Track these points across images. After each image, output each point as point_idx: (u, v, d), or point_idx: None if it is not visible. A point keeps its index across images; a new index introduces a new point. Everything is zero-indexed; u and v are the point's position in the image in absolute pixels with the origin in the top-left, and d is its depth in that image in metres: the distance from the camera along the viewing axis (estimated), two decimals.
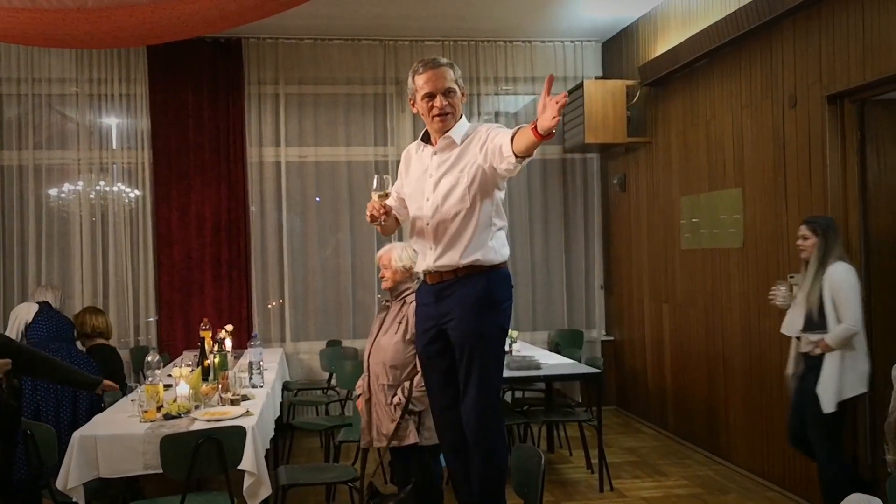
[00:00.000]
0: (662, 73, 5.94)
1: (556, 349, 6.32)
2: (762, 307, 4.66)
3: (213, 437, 3.23)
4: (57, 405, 4.55)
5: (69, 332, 4.95)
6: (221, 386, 4.06)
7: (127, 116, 6.69)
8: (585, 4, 6.21)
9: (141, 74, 6.63)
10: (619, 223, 7.12)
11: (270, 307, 6.88)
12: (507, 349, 4.14)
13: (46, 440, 3.57)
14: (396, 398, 3.63)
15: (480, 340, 2.89)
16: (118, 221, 6.65)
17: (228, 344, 4.78)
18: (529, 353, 5.47)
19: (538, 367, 4.97)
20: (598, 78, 7.03)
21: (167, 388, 3.96)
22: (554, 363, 5.24)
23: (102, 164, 6.67)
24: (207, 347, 4.67)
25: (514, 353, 5.29)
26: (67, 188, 6.66)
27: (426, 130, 3.05)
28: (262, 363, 4.55)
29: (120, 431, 3.44)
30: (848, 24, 4.14)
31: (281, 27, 6.45)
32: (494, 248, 2.93)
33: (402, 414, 3.59)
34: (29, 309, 4.90)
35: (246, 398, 4.03)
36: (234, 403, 3.87)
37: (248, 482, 3.36)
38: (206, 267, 6.65)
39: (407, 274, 3.80)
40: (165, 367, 5.08)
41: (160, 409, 3.63)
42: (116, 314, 6.54)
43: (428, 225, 2.95)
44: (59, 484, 3.32)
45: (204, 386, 4.05)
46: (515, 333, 5.61)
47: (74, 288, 6.50)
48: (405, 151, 3.19)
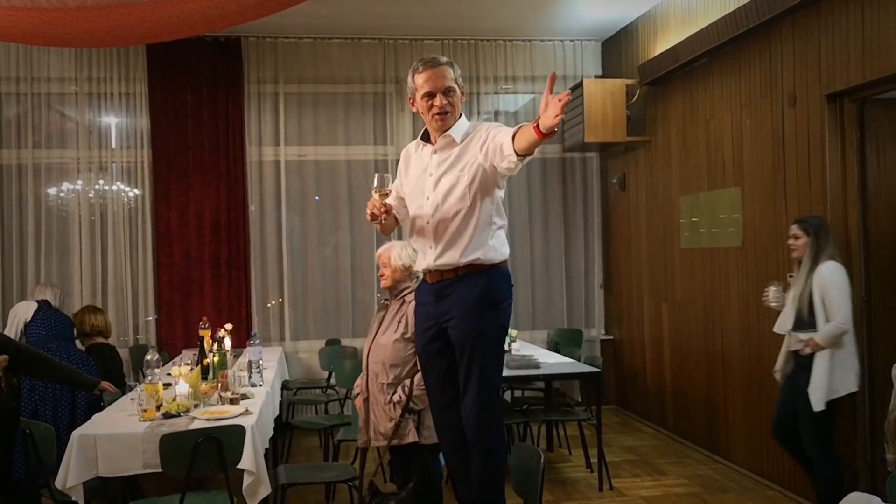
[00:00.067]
0: (662, 72, 5.94)
1: (555, 348, 6.31)
2: (761, 306, 4.65)
3: (212, 436, 3.23)
4: (55, 405, 4.54)
5: (68, 330, 4.94)
6: (221, 385, 4.06)
7: (126, 115, 6.69)
8: (585, 3, 6.20)
9: (140, 73, 6.63)
10: (618, 222, 7.12)
11: (270, 306, 6.88)
12: (506, 348, 4.14)
13: (46, 439, 3.57)
14: (397, 396, 3.63)
15: (481, 339, 2.89)
16: (117, 220, 6.65)
17: (228, 343, 4.78)
18: (529, 352, 5.47)
19: (537, 366, 4.97)
20: (597, 77, 7.04)
21: (166, 386, 3.96)
22: (553, 362, 5.24)
23: (102, 163, 6.67)
24: (207, 346, 4.68)
25: (513, 352, 5.29)
26: (67, 187, 6.66)
27: (425, 129, 3.05)
28: (261, 362, 4.56)
29: (119, 430, 3.44)
30: (847, 23, 4.14)
31: (280, 26, 6.45)
32: (495, 246, 2.93)
33: (402, 412, 3.59)
34: (28, 307, 4.89)
35: (245, 397, 4.03)
36: (233, 402, 3.87)
37: (247, 481, 3.36)
38: (205, 266, 6.65)
39: (406, 273, 3.79)
40: (165, 366, 5.07)
41: (159, 407, 3.63)
42: (116, 313, 6.54)
43: (428, 224, 2.95)
44: (58, 483, 3.32)
45: (203, 385, 4.05)
46: (515, 332, 5.60)
47: (74, 287, 6.49)
48: (404, 150, 3.18)
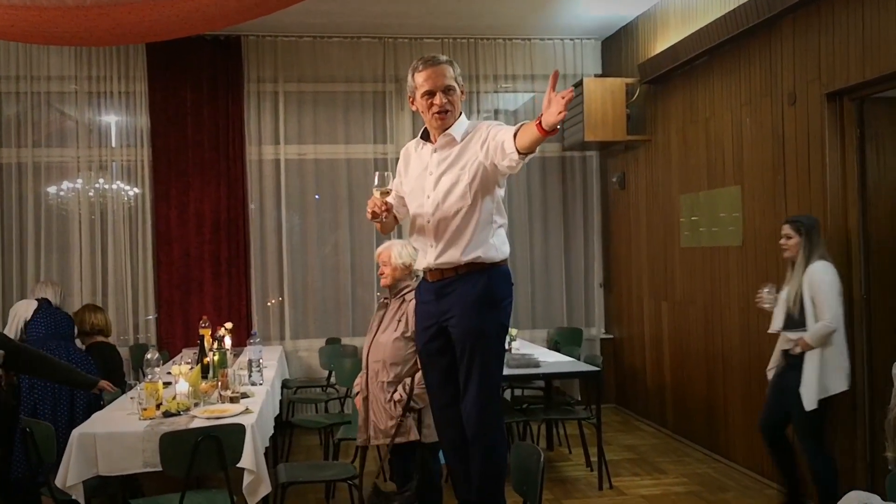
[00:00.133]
0: (662, 70, 5.94)
1: (555, 347, 6.31)
2: None
3: (212, 434, 3.23)
4: (54, 404, 4.54)
5: (68, 329, 4.94)
6: (221, 384, 4.06)
7: (126, 114, 6.69)
8: (585, 2, 6.20)
9: (140, 72, 6.63)
10: (618, 221, 7.12)
11: (270, 305, 6.88)
12: (506, 347, 4.14)
13: (45, 438, 3.57)
14: (397, 395, 3.63)
15: (481, 338, 2.89)
16: (117, 219, 6.65)
17: (228, 342, 4.79)
18: (529, 350, 5.48)
19: (537, 365, 4.97)
20: (597, 76, 7.04)
21: (166, 385, 3.96)
22: (553, 361, 5.24)
23: (102, 161, 6.67)
24: (207, 345, 4.68)
25: (513, 350, 5.29)
26: (66, 186, 6.66)
27: (425, 128, 3.04)
28: (261, 361, 4.56)
29: (119, 429, 3.44)
30: (847, 21, 4.14)
31: (280, 25, 6.45)
32: (495, 245, 2.93)
33: (403, 411, 3.59)
34: (28, 306, 4.89)
35: (245, 396, 4.03)
36: (233, 401, 3.87)
37: (247, 480, 3.36)
38: (205, 265, 6.65)
39: (406, 271, 3.79)
40: (165, 364, 5.07)
41: (159, 406, 3.63)
42: (116, 312, 6.54)
43: (429, 223, 2.94)
44: (58, 481, 3.32)
45: (203, 383, 4.05)
46: (515, 331, 5.60)
47: (74, 286, 6.49)
48: (404, 149, 3.18)
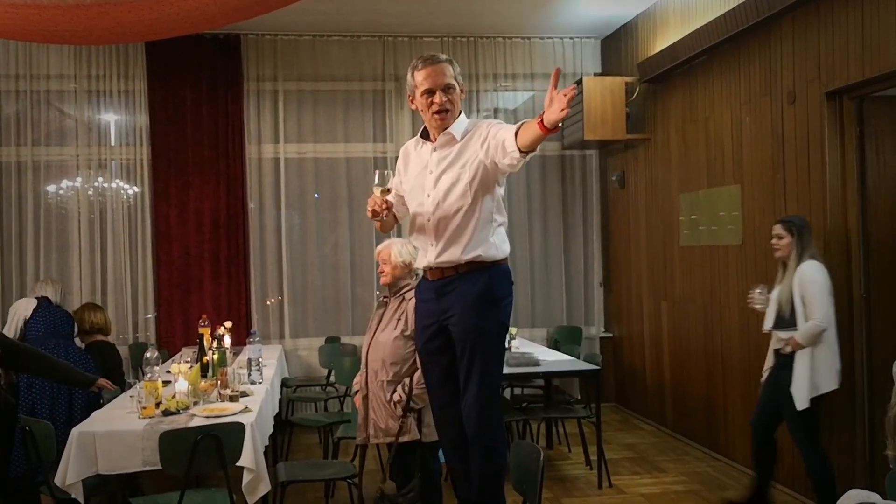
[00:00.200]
0: (661, 69, 5.94)
1: (554, 346, 6.31)
2: None
3: (211, 433, 3.23)
4: (52, 403, 4.54)
5: (68, 327, 4.93)
6: (220, 382, 4.06)
7: (125, 113, 6.68)
8: (585, 1, 6.19)
9: (140, 71, 6.62)
10: (617, 220, 7.12)
11: (269, 304, 6.87)
12: (506, 346, 4.15)
13: (45, 436, 3.57)
14: (397, 395, 3.62)
15: (482, 337, 2.89)
16: (117, 218, 6.64)
17: (227, 340, 4.78)
18: (528, 349, 5.48)
19: (537, 363, 4.97)
20: (597, 74, 7.04)
21: (166, 384, 3.96)
22: (553, 360, 5.24)
23: (101, 160, 6.66)
24: (206, 344, 4.67)
25: (513, 349, 5.29)
26: (66, 185, 6.65)
27: (425, 127, 3.04)
28: (260, 360, 4.56)
29: (118, 428, 3.44)
30: (847, 20, 4.13)
31: (280, 24, 6.44)
32: (495, 244, 2.93)
33: (403, 412, 3.59)
34: (27, 305, 4.89)
35: (245, 394, 4.03)
36: (232, 400, 3.87)
37: (247, 478, 3.36)
38: (204, 264, 6.65)
39: (406, 270, 3.79)
40: (164, 363, 5.07)
41: (159, 405, 3.63)
42: (115, 311, 6.53)
43: (429, 221, 2.94)
44: (57, 480, 3.33)
45: (203, 382, 4.05)
46: (514, 330, 5.60)
47: (73, 284, 6.48)
48: (403, 148, 3.17)
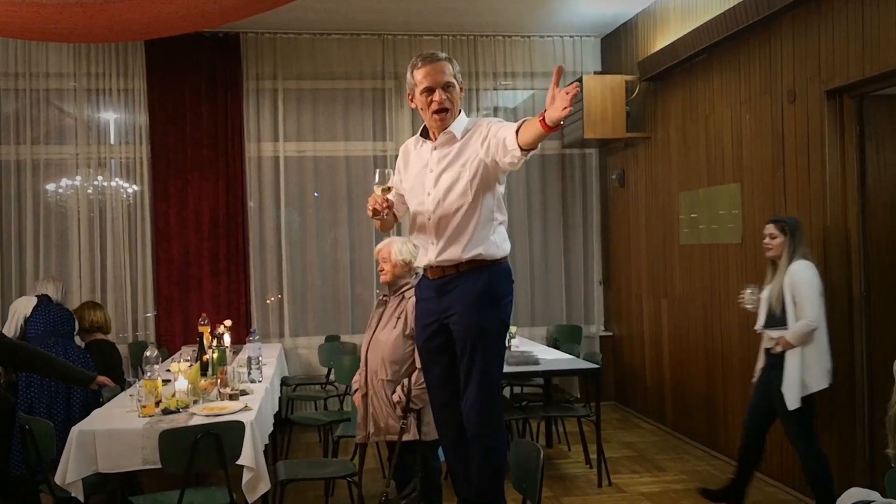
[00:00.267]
0: (661, 68, 5.94)
1: (554, 344, 6.31)
2: None
3: (211, 431, 3.23)
4: (50, 402, 4.54)
5: (68, 325, 4.92)
6: (220, 381, 4.06)
7: (125, 111, 6.68)
8: None
9: (139, 69, 6.61)
10: (617, 218, 7.12)
11: (269, 302, 6.87)
12: (506, 345, 4.15)
13: (45, 435, 3.57)
14: (396, 396, 3.62)
15: (482, 335, 2.88)
16: (116, 217, 6.64)
17: (227, 339, 4.79)
18: (528, 348, 5.48)
19: (537, 362, 4.97)
20: (597, 73, 7.03)
21: (166, 383, 3.96)
22: (553, 358, 5.24)
23: (100, 159, 6.66)
24: (206, 342, 4.67)
25: (512, 348, 5.29)
26: (65, 183, 6.65)
27: (425, 126, 3.03)
28: (260, 358, 4.56)
29: (118, 426, 3.44)
30: (847, 19, 4.13)
31: (279, 22, 6.44)
32: (496, 242, 2.92)
33: (403, 413, 3.58)
34: (28, 303, 4.88)
35: (244, 393, 4.03)
36: (232, 398, 3.87)
37: (246, 477, 3.36)
38: (204, 262, 6.65)
39: (406, 268, 3.79)
40: (164, 362, 5.07)
41: (158, 404, 3.63)
42: (115, 309, 6.53)
43: (429, 220, 2.93)
44: (57, 479, 3.33)
45: (202, 381, 4.05)
46: (514, 329, 5.59)
47: (73, 283, 6.47)
48: (403, 147, 3.17)
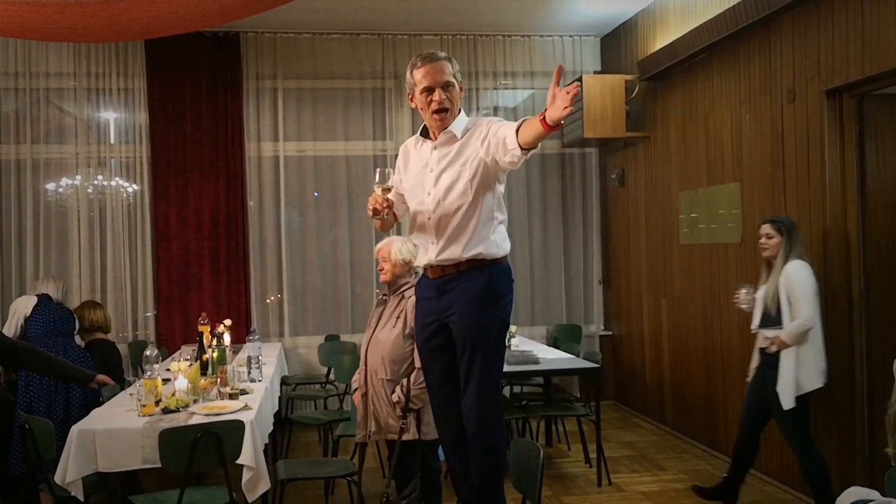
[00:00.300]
0: (661, 67, 5.94)
1: (554, 344, 6.31)
2: None
3: (211, 431, 3.23)
4: (49, 401, 4.54)
5: (68, 325, 4.92)
6: (220, 380, 4.06)
7: (125, 111, 6.68)
8: None
9: (139, 69, 6.61)
10: (617, 218, 7.12)
11: (269, 302, 6.88)
12: (506, 344, 4.15)
13: (44, 434, 3.57)
14: (395, 396, 3.62)
15: (482, 335, 2.88)
16: (116, 216, 6.64)
17: (227, 338, 4.78)
18: (528, 347, 5.48)
19: (537, 361, 4.97)
20: (596, 72, 7.04)
21: (165, 382, 3.96)
22: (552, 358, 5.24)
23: (100, 158, 6.66)
24: (206, 342, 4.67)
25: (512, 347, 5.29)
26: (65, 182, 6.65)
27: (425, 125, 3.03)
28: (260, 357, 4.56)
29: (118, 426, 3.44)
30: (847, 18, 4.13)
31: (279, 21, 6.44)
32: (496, 241, 2.92)
33: (402, 414, 3.58)
34: (28, 302, 4.88)
35: (244, 392, 4.03)
36: (232, 398, 3.88)
37: (246, 476, 3.36)
38: (204, 261, 6.65)
39: (406, 268, 3.79)
40: (164, 361, 5.07)
41: (158, 403, 3.63)
42: (115, 309, 6.53)
43: (430, 220, 2.93)
44: (57, 478, 3.33)
45: (202, 380, 4.05)
46: (514, 328, 5.59)
47: (73, 283, 6.47)
48: (403, 146, 3.16)
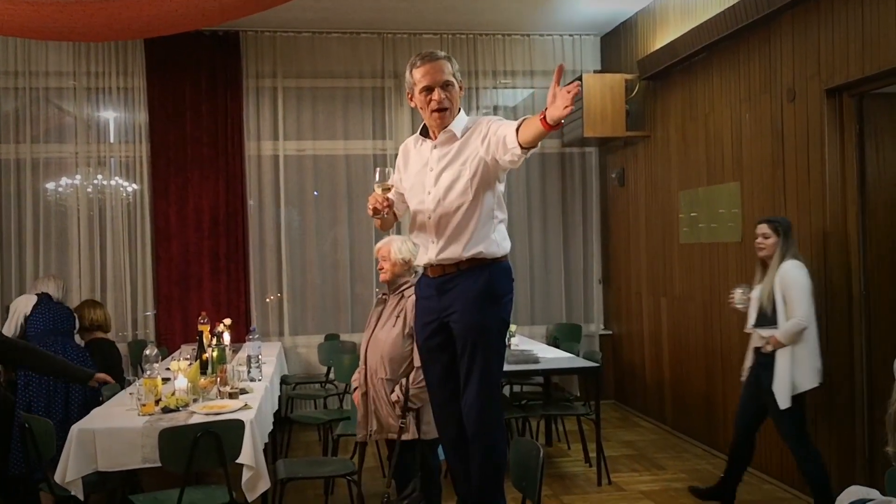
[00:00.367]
0: (661, 66, 5.93)
1: (554, 343, 6.31)
2: None
3: (211, 430, 3.23)
4: (49, 400, 4.54)
5: (68, 324, 4.92)
6: (220, 379, 4.06)
7: (124, 110, 6.67)
8: None
9: (139, 68, 6.61)
10: (617, 217, 7.12)
11: (268, 301, 6.88)
12: (506, 343, 4.15)
13: (44, 433, 3.57)
14: (394, 396, 3.61)
15: (483, 334, 2.88)
16: (116, 215, 6.64)
17: (227, 338, 4.78)
18: (528, 346, 5.48)
19: (536, 360, 4.97)
20: (596, 72, 7.03)
21: (165, 381, 3.96)
22: (552, 357, 5.24)
23: (100, 157, 6.65)
24: (206, 341, 4.67)
25: (512, 346, 5.29)
26: (65, 182, 6.65)
27: (424, 124, 3.03)
28: (260, 357, 4.57)
29: (118, 425, 3.45)
30: (847, 17, 4.13)
31: (279, 20, 6.43)
32: (496, 240, 2.92)
33: (402, 413, 3.58)
34: (28, 301, 4.89)
35: (244, 392, 4.03)
36: (232, 397, 3.88)
37: (246, 476, 3.36)
38: (204, 261, 6.65)
39: (406, 267, 3.78)
40: (163, 360, 5.07)
41: (158, 402, 3.63)
42: (114, 308, 6.53)
43: (430, 219, 2.93)
44: (57, 477, 3.33)
45: (202, 379, 4.05)
46: (514, 327, 5.59)
47: (73, 282, 6.47)
48: (403, 146, 3.16)
